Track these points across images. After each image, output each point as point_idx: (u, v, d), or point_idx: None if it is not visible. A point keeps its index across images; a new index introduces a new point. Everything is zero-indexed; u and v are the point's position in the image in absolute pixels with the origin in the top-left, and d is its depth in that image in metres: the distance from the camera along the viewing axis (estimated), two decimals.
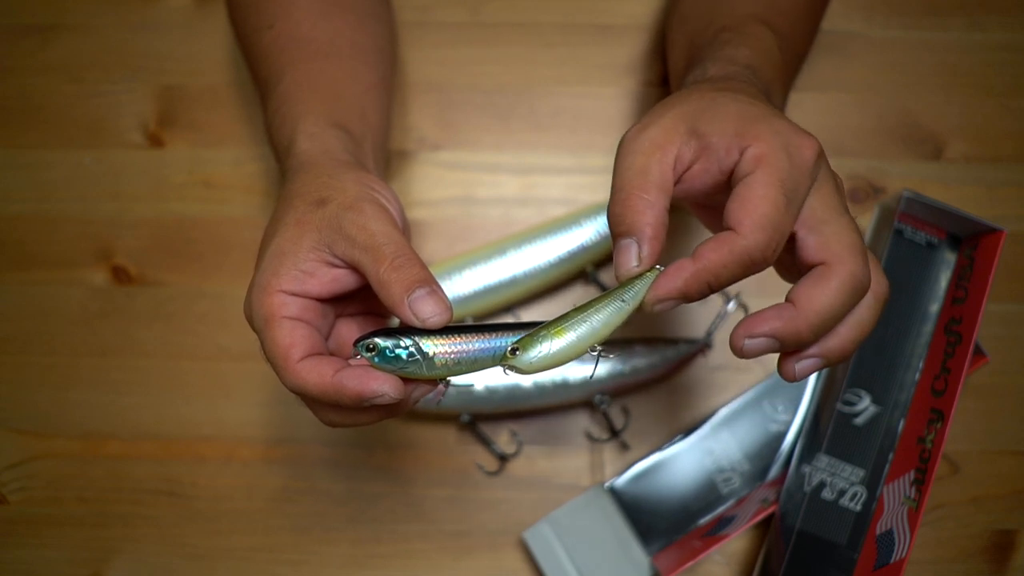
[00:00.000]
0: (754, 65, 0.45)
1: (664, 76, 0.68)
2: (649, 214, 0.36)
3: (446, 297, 0.37)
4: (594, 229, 0.63)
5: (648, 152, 0.37)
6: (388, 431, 0.64)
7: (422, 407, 0.61)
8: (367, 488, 0.63)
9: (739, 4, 0.51)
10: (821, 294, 0.36)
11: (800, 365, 0.38)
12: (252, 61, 0.55)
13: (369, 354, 0.37)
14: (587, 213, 0.63)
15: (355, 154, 0.46)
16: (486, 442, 0.63)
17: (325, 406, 0.39)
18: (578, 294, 0.65)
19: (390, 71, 0.57)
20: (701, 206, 0.43)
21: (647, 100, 0.68)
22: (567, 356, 0.37)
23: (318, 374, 0.37)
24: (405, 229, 0.43)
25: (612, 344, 0.62)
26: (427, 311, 0.36)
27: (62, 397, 0.65)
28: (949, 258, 0.60)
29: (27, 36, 0.70)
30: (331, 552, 0.62)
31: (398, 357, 0.37)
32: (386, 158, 0.54)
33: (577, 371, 0.61)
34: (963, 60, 0.67)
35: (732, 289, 0.64)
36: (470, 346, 0.37)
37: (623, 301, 0.37)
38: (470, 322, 0.61)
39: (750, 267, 0.35)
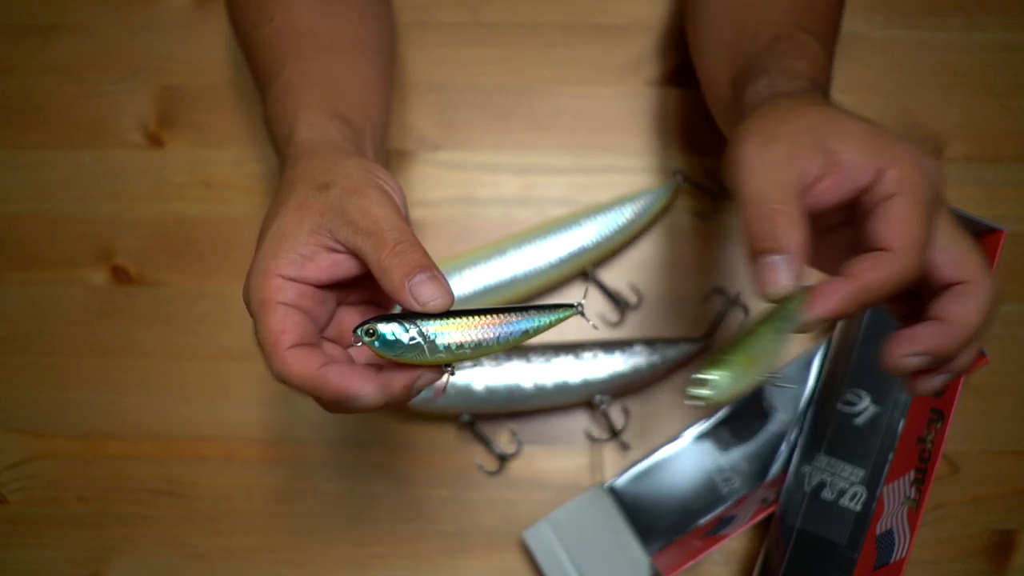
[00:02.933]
0: (814, 77, 0.45)
1: (666, 75, 0.68)
2: (797, 230, 0.36)
3: (447, 282, 0.37)
4: (594, 229, 0.63)
5: (780, 165, 0.36)
6: (388, 431, 0.64)
7: (422, 407, 0.61)
8: (367, 488, 0.63)
9: (779, 10, 0.50)
10: (972, 310, 0.37)
11: (937, 380, 0.39)
12: (252, 56, 0.55)
13: (369, 339, 0.36)
14: (587, 213, 0.63)
15: (356, 144, 0.46)
16: (486, 442, 0.63)
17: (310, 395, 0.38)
18: (577, 294, 0.65)
19: (391, 66, 0.57)
20: None
21: (647, 100, 0.68)
22: (749, 384, 0.36)
23: (303, 365, 0.36)
24: (406, 215, 0.42)
25: (612, 344, 0.62)
26: (427, 294, 0.36)
27: (62, 397, 0.65)
28: None
29: (27, 36, 0.70)
30: (331, 552, 0.62)
31: (398, 341, 0.36)
32: (387, 153, 0.54)
33: (577, 371, 0.61)
34: (963, 60, 0.67)
35: (732, 289, 0.64)
36: (472, 329, 0.37)
37: (784, 321, 0.36)
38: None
39: (902, 287, 0.36)
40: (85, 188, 0.68)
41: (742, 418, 0.62)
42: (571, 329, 0.64)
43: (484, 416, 0.63)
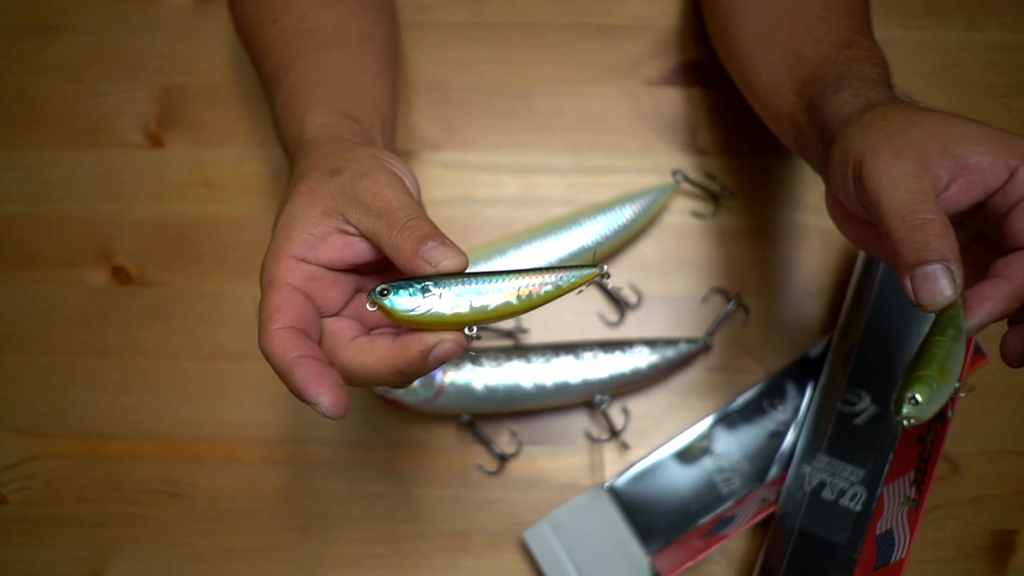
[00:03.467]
0: (889, 83, 0.45)
1: (666, 75, 0.68)
2: (949, 237, 0.36)
3: (460, 249, 0.36)
4: (594, 229, 0.63)
5: (919, 175, 0.37)
6: (388, 431, 0.64)
7: (422, 407, 0.61)
8: (367, 488, 0.63)
9: (836, 16, 0.51)
10: None
11: None
12: (256, 57, 0.55)
13: (382, 298, 0.35)
14: (587, 213, 0.63)
15: (366, 140, 0.47)
16: (486, 442, 0.63)
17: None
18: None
19: (395, 60, 0.57)
20: (860, 222, 0.43)
21: (647, 100, 0.68)
22: (948, 395, 0.36)
23: (282, 349, 0.36)
24: (417, 197, 0.42)
25: (611, 344, 0.62)
26: (439, 256, 0.36)
27: (62, 397, 0.65)
28: None
29: (27, 36, 0.70)
30: (331, 552, 0.62)
31: (412, 299, 0.35)
32: (395, 147, 0.54)
33: (577, 371, 0.61)
34: (963, 60, 0.67)
35: (732, 289, 0.64)
36: (490, 287, 0.36)
37: (957, 328, 0.36)
38: None
39: None
40: (85, 188, 0.68)
41: (742, 418, 0.62)
42: (571, 329, 0.64)
43: (484, 416, 0.63)
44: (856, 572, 0.56)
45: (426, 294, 0.35)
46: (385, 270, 0.40)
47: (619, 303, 0.64)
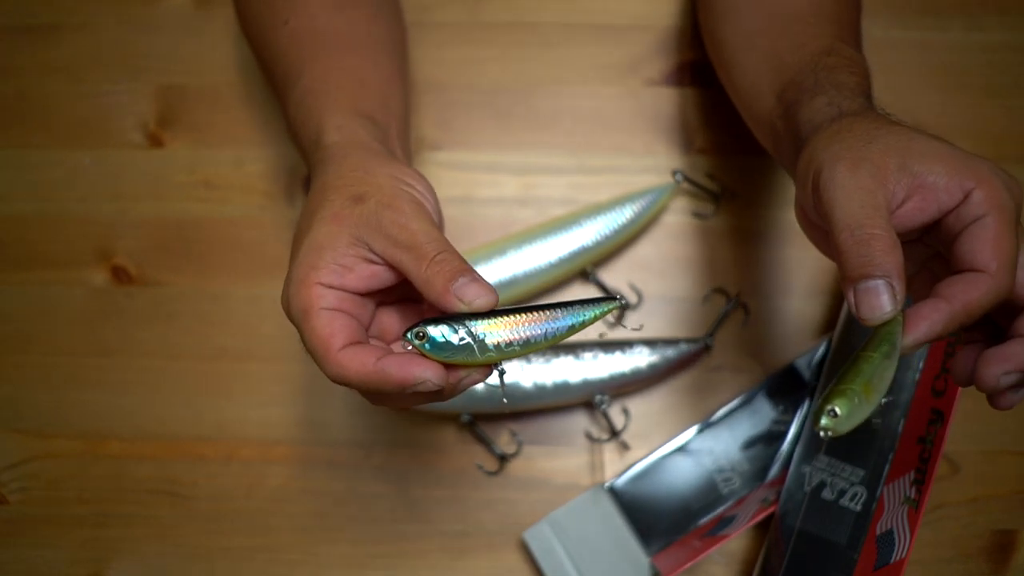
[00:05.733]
0: (867, 92, 0.45)
1: (665, 75, 0.68)
2: (896, 253, 0.36)
3: (489, 284, 0.37)
4: (594, 229, 0.63)
5: (872, 190, 0.37)
6: (388, 431, 0.64)
7: (422, 407, 0.61)
8: (367, 488, 0.63)
9: (819, 22, 0.50)
10: None
11: (1021, 394, 0.39)
12: (267, 59, 0.55)
13: (419, 342, 0.37)
14: (587, 213, 0.63)
15: (383, 142, 0.46)
16: (486, 442, 0.63)
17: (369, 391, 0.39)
18: (578, 293, 0.65)
19: (406, 62, 0.58)
20: (823, 229, 0.43)
21: (647, 100, 0.68)
22: (870, 410, 0.36)
23: (360, 362, 0.37)
24: (439, 220, 0.43)
25: (611, 344, 0.62)
26: (472, 294, 0.36)
27: (62, 397, 0.65)
28: None
29: (27, 36, 0.70)
30: (331, 552, 0.62)
31: (448, 343, 0.37)
32: (411, 145, 0.54)
33: (577, 371, 0.61)
34: (963, 60, 0.67)
35: (732, 289, 0.64)
36: (522, 327, 0.37)
37: (891, 345, 0.36)
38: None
39: (995, 306, 0.36)
40: (85, 188, 0.68)
41: (742, 418, 0.62)
42: None
43: (484, 416, 0.63)
44: (856, 572, 0.56)
45: (461, 342, 0.37)
46: (402, 282, 0.40)
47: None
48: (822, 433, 0.36)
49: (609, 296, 0.39)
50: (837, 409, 0.35)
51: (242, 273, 0.66)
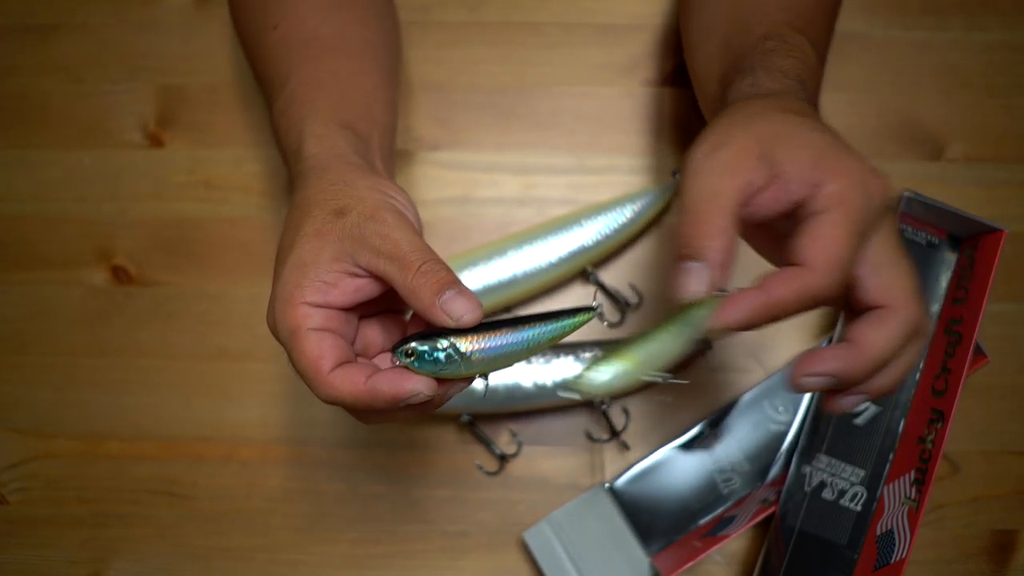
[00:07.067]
0: (802, 77, 0.44)
1: (665, 75, 0.68)
2: (720, 240, 0.36)
3: (475, 296, 0.38)
4: (594, 229, 0.63)
5: (720, 174, 0.37)
6: (388, 431, 0.64)
7: None
8: (367, 488, 0.63)
9: (772, 10, 0.50)
10: (882, 337, 0.37)
11: (848, 400, 0.39)
12: (257, 62, 0.55)
13: (408, 359, 0.37)
14: (587, 213, 0.63)
15: (364, 155, 0.46)
16: (486, 442, 0.63)
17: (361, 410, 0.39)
18: (578, 294, 0.65)
19: (397, 66, 0.57)
20: (752, 225, 0.43)
21: (647, 100, 0.68)
22: (631, 380, 0.37)
23: (351, 382, 0.37)
24: (420, 231, 0.43)
25: (611, 344, 0.62)
26: (459, 309, 0.37)
27: (62, 397, 0.65)
28: (949, 258, 0.60)
29: (27, 36, 0.70)
30: (331, 552, 0.62)
31: (436, 360, 0.37)
32: (394, 156, 0.54)
33: (577, 371, 0.61)
34: (963, 60, 0.67)
35: (731, 287, 0.64)
36: (505, 340, 0.38)
37: (688, 326, 0.37)
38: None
39: (817, 305, 0.36)
40: (85, 188, 0.68)
41: (742, 418, 0.62)
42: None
43: (484, 416, 0.63)
44: (856, 572, 0.56)
45: (448, 360, 0.38)
46: (384, 293, 0.40)
47: (619, 303, 0.64)
48: (568, 394, 0.37)
49: (586, 307, 0.40)
50: (595, 376, 0.36)
51: (241, 273, 0.66)
